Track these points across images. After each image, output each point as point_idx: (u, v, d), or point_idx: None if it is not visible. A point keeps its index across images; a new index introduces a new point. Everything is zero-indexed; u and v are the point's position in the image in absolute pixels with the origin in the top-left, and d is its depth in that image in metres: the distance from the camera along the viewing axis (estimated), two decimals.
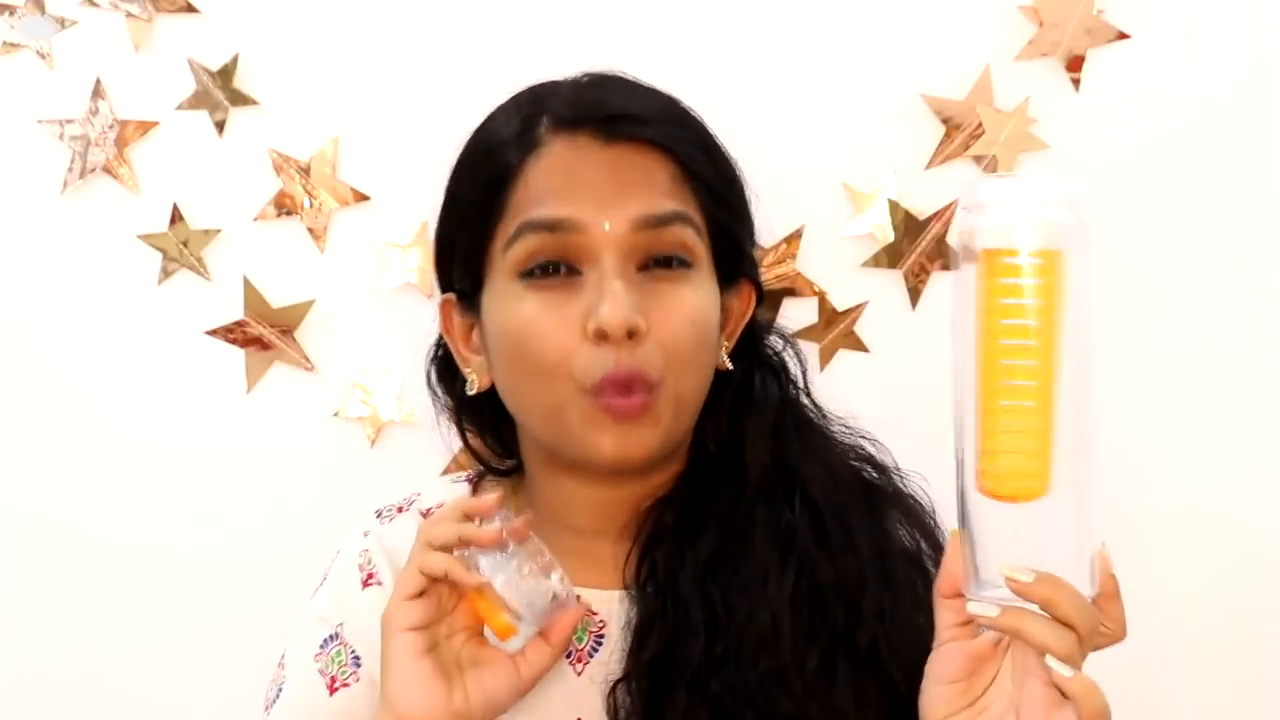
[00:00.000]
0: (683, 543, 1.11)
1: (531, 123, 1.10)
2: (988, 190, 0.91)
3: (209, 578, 1.69)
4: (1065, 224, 0.89)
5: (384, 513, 1.22)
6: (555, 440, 1.10)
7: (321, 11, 1.66)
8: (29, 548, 1.71)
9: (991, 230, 0.89)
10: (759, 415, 1.15)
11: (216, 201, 1.68)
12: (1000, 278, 0.88)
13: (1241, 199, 1.65)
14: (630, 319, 1.04)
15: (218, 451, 1.69)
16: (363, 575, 1.17)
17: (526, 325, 1.06)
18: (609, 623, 1.12)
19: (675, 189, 1.09)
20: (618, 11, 1.64)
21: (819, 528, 1.11)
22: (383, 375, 1.67)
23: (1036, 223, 0.88)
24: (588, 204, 1.06)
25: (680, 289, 1.08)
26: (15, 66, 1.67)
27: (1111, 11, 1.63)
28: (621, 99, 1.12)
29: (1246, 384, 1.67)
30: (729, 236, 1.13)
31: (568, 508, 1.14)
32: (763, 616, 1.07)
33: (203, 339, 1.68)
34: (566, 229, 1.05)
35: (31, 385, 1.70)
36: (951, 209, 1.65)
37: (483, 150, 1.13)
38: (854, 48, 1.65)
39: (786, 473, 1.13)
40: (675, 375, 1.07)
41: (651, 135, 1.08)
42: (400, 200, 1.67)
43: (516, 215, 1.07)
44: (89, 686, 1.71)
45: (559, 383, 1.06)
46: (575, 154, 1.08)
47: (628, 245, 1.06)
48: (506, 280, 1.08)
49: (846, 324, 1.66)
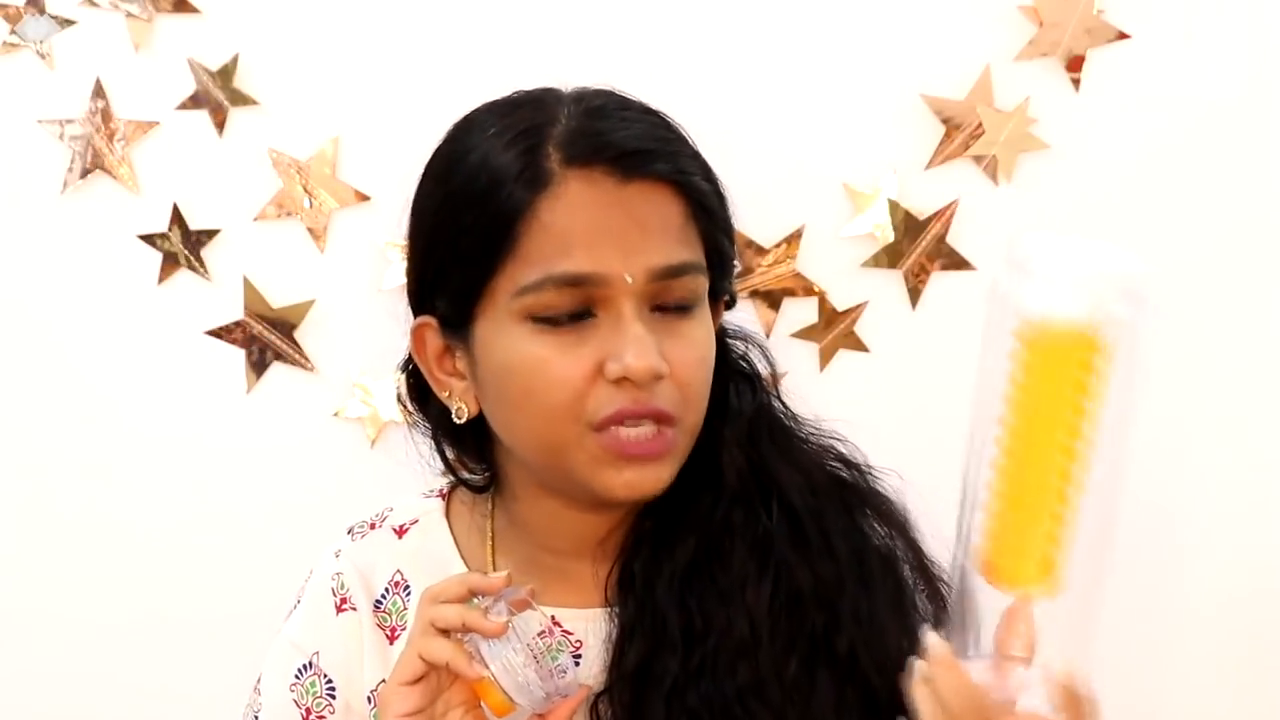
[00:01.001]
0: (660, 551, 1.11)
1: (536, 154, 1.06)
2: (1042, 249, 0.81)
3: (209, 577, 1.69)
4: (1120, 313, 0.81)
5: (355, 530, 1.21)
6: (555, 478, 1.09)
7: (321, 11, 1.66)
8: (29, 548, 1.71)
9: (1039, 298, 0.81)
10: (734, 422, 1.14)
11: (216, 201, 1.68)
12: (1070, 365, 0.80)
13: (1241, 199, 1.65)
14: (657, 365, 1.03)
15: (218, 451, 1.69)
16: (336, 600, 1.16)
17: (536, 366, 1.05)
18: (586, 640, 1.12)
19: (687, 231, 1.08)
20: (618, 12, 1.64)
21: (796, 533, 1.11)
22: (383, 375, 1.67)
23: (1089, 303, 0.80)
24: (612, 256, 1.04)
25: (690, 328, 1.08)
26: (15, 66, 1.67)
27: (1111, 11, 1.63)
28: (627, 130, 1.09)
29: (1247, 384, 1.67)
30: (724, 263, 1.13)
31: (549, 530, 1.14)
32: (741, 625, 1.07)
33: (203, 339, 1.68)
34: (591, 283, 1.05)
35: (32, 385, 1.70)
36: (952, 209, 1.65)
37: (482, 179, 1.08)
38: (854, 48, 1.64)
39: (763, 478, 1.13)
40: (691, 412, 1.07)
41: (665, 173, 1.07)
42: (400, 200, 1.66)
43: (535, 263, 1.05)
44: (89, 685, 1.71)
45: (567, 424, 1.05)
46: (593, 194, 1.06)
47: (644, 292, 1.05)
48: (514, 320, 1.06)
49: (846, 324, 1.66)
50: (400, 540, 1.19)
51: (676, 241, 1.07)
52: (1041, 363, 0.81)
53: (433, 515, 1.20)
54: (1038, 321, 0.80)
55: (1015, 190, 1.64)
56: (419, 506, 1.21)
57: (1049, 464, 0.82)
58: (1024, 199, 1.64)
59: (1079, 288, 0.81)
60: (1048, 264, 0.81)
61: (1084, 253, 0.81)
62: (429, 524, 1.20)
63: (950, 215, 1.65)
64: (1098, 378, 0.81)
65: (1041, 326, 0.80)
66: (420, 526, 1.20)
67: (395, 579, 1.17)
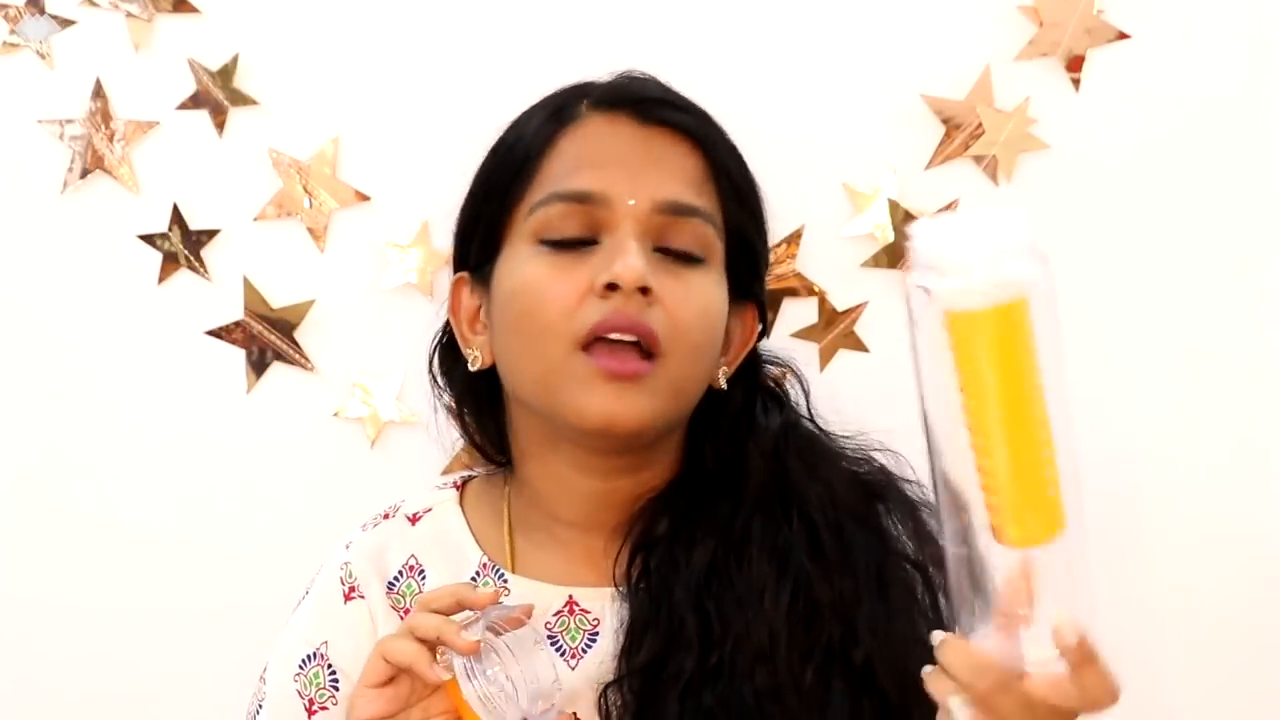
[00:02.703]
0: (676, 550, 1.11)
1: (571, 102, 1.13)
2: (941, 243, 0.87)
3: (209, 577, 1.69)
4: (1032, 275, 0.87)
5: (367, 523, 1.22)
6: (545, 405, 1.09)
7: (321, 11, 1.66)
8: (29, 548, 1.71)
9: (960, 292, 0.86)
10: (759, 438, 1.15)
11: (216, 201, 1.68)
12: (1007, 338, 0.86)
13: (1241, 199, 1.65)
14: (644, 275, 1.04)
15: (218, 451, 1.69)
16: (345, 589, 1.17)
17: (533, 283, 1.07)
18: (603, 619, 1.13)
19: (702, 184, 1.10)
20: (618, 12, 1.64)
21: (816, 545, 1.11)
22: (383, 375, 1.67)
23: (1004, 281, 0.86)
24: (617, 178, 1.07)
25: (693, 276, 1.09)
26: (15, 66, 1.67)
27: (1111, 11, 1.63)
28: (661, 89, 1.15)
29: (1247, 384, 1.67)
30: (746, 245, 1.14)
31: (560, 499, 1.14)
32: (759, 631, 1.08)
33: (203, 339, 1.68)
34: (594, 202, 1.06)
35: (31, 385, 1.70)
36: (951, 209, 1.64)
37: (517, 132, 1.15)
38: (854, 48, 1.64)
39: (786, 491, 1.13)
40: (679, 355, 1.07)
41: (687, 123, 1.10)
42: (400, 200, 1.67)
43: (546, 183, 1.09)
44: (89, 686, 1.71)
45: (554, 342, 1.06)
46: (611, 129, 1.09)
47: (647, 223, 1.07)
48: (525, 243, 1.09)
49: (846, 324, 1.66)
50: (414, 527, 1.20)
51: (688, 185, 1.09)
52: (980, 345, 0.87)
53: (446, 504, 1.21)
54: (961, 312, 0.86)
55: (1015, 190, 1.64)
56: (432, 497, 1.23)
57: (1025, 425, 0.87)
58: (1024, 199, 1.64)
59: (987, 271, 0.86)
60: (949, 256, 0.86)
61: (974, 230, 0.87)
62: (443, 511, 1.21)
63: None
64: (1031, 335, 0.87)
65: (967, 317, 0.86)
66: (434, 514, 1.21)
67: (409, 563, 1.18)
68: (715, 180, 1.11)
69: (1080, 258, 1.64)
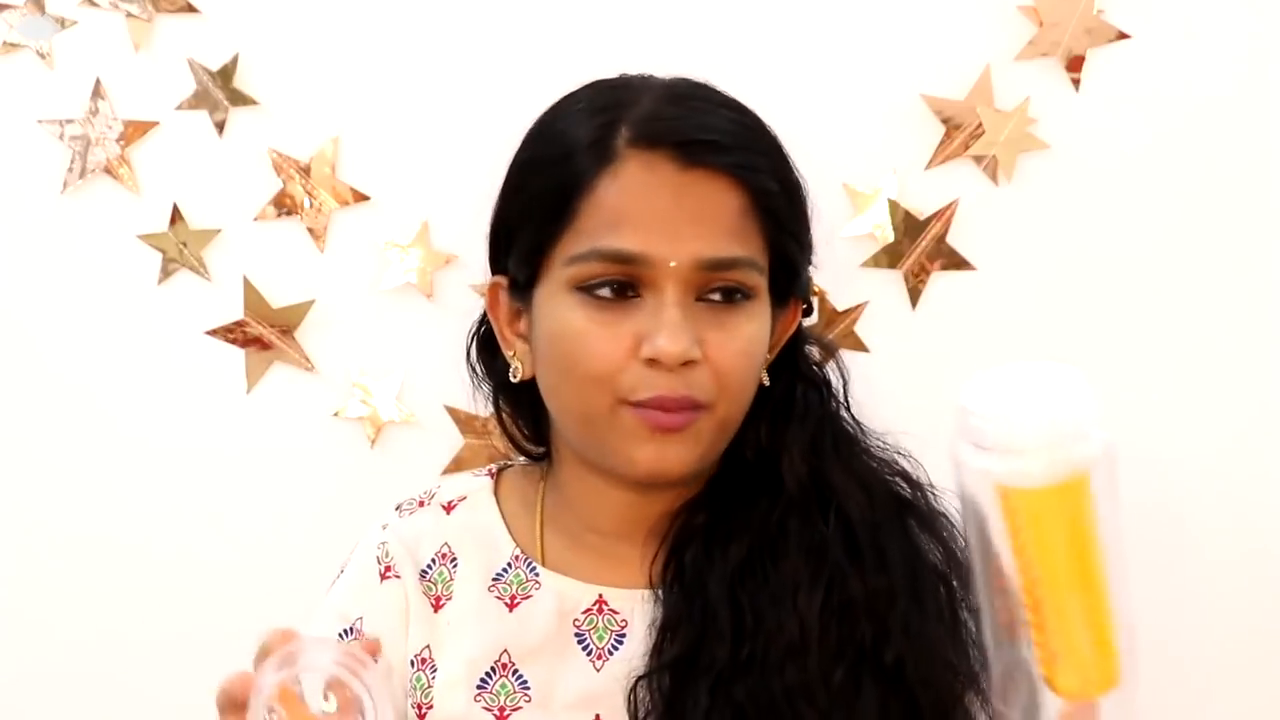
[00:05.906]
0: (712, 546, 1.11)
1: (608, 131, 1.09)
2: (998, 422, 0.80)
3: (209, 578, 1.70)
4: (1094, 454, 0.82)
5: (404, 506, 1.23)
6: (589, 447, 1.10)
7: (321, 11, 1.66)
8: (29, 549, 1.71)
9: (1018, 474, 0.80)
10: (799, 428, 1.15)
11: (216, 201, 1.68)
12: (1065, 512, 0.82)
13: (1241, 199, 1.65)
14: (687, 350, 1.04)
15: (218, 452, 1.69)
16: (381, 568, 1.18)
17: (576, 335, 1.07)
18: (631, 621, 1.13)
19: (743, 225, 1.09)
20: (617, 12, 1.64)
21: (852, 544, 1.11)
22: (383, 375, 1.67)
23: (1066, 459, 0.80)
24: (659, 239, 1.06)
25: (737, 319, 1.08)
26: (15, 66, 1.67)
27: (1111, 11, 1.63)
28: (698, 119, 1.10)
29: (1247, 384, 1.67)
30: (789, 266, 1.14)
31: (595, 508, 1.15)
32: (791, 627, 1.08)
33: (203, 339, 1.68)
34: (635, 262, 1.06)
35: (31, 386, 1.70)
36: (952, 208, 1.65)
37: (556, 147, 1.12)
38: (854, 48, 1.64)
39: (822, 487, 1.13)
40: (725, 401, 1.08)
41: (727, 164, 1.08)
42: (400, 200, 1.67)
43: (586, 235, 1.07)
44: (89, 688, 1.71)
45: (601, 394, 1.06)
46: (650, 176, 1.07)
47: (690, 280, 1.06)
48: (562, 288, 1.08)
49: (846, 324, 1.66)
50: (448, 515, 1.20)
51: (728, 234, 1.08)
52: (1036, 519, 0.82)
53: (481, 493, 1.22)
54: (1016, 489, 0.81)
55: (1015, 190, 1.65)
56: (467, 484, 1.23)
57: (1084, 594, 0.83)
58: (1024, 199, 1.65)
59: (1049, 454, 0.80)
60: (1007, 437, 0.80)
61: (1033, 407, 0.80)
62: (477, 501, 1.21)
63: (950, 215, 1.65)
64: (1093, 508, 0.82)
65: (1023, 494, 0.81)
66: (468, 503, 1.21)
67: (442, 551, 1.18)
68: (757, 215, 1.10)
69: (1080, 258, 1.64)
